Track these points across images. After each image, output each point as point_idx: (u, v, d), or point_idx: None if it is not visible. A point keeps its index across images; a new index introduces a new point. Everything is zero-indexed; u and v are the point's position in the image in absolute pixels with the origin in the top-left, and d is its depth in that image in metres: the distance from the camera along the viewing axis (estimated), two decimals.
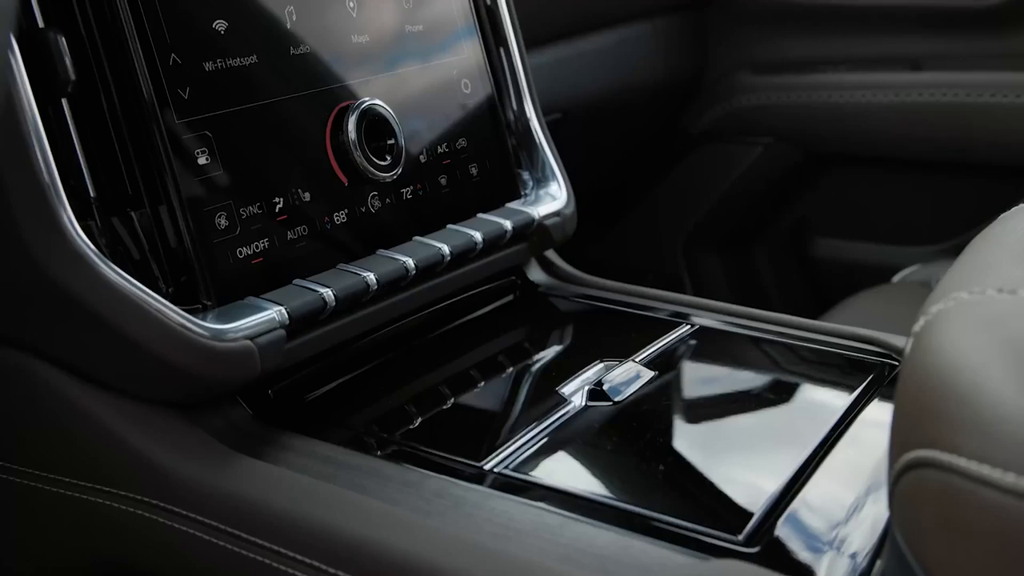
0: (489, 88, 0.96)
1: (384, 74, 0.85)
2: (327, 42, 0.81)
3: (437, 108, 0.90)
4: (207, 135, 0.71)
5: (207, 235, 0.70)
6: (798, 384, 0.81)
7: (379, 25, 0.86)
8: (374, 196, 0.82)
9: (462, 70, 0.93)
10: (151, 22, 0.69)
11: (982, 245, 0.61)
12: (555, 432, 0.71)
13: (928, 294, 1.40)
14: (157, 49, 0.69)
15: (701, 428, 0.73)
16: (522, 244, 0.94)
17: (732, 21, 1.85)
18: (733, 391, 0.79)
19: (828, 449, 0.70)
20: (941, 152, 1.71)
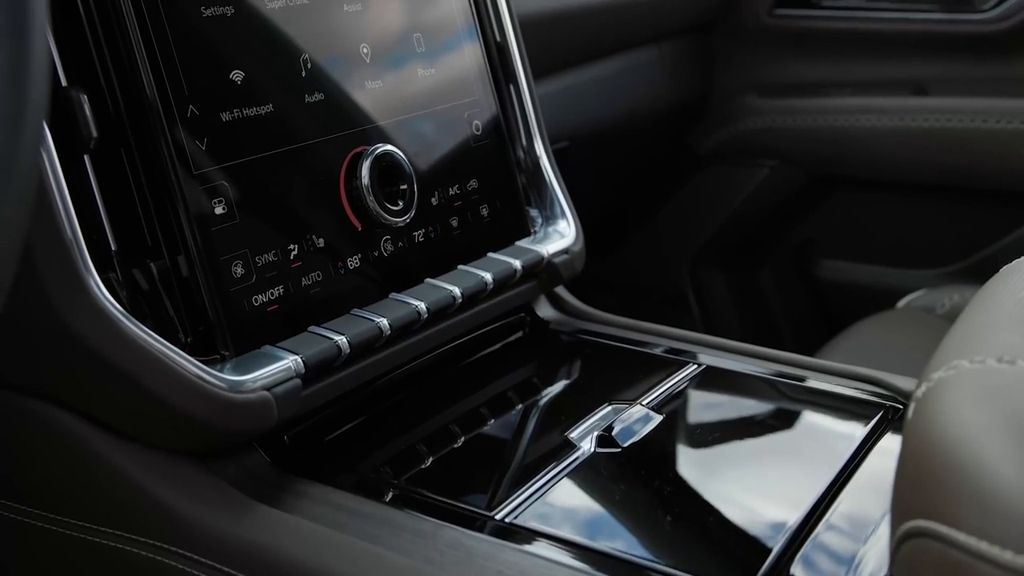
0: (500, 128, 0.97)
1: (397, 118, 0.87)
2: (341, 89, 0.83)
3: (449, 150, 0.91)
4: (224, 185, 0.73)
5: (224, 284, 0.71)
6: (804, 429, 0.82)
7: (393, 70, 0.87)
8: (386, 240, 0.84)
9: (473, 111, 0.94)
10: (170, 75, 0.70)
11: (983, 305, 0.62)
12: (565, 480, 0.72)
13: (932, 321, 1.42)
14: (176, 102, 0.71)
15: (709, 475, 0.75)
16: (532, 282, 0.96)
17: (738, 44, 1.86)
18: (740, 437, 0.81)
19: (833, 497, 0.71)
20: (945, 177, 1.72)
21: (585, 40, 1.48)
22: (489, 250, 0.93)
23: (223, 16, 0.75)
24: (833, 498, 0.71)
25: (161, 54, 0.70)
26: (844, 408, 0.84)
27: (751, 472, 0.76)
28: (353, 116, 0.83)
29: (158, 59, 0.70)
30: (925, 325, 1.41)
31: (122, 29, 0.68)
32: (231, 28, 0.75)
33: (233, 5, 0.75)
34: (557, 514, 0.69)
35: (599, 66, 1.54)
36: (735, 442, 0.80)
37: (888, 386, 0.87)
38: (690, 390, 0.87)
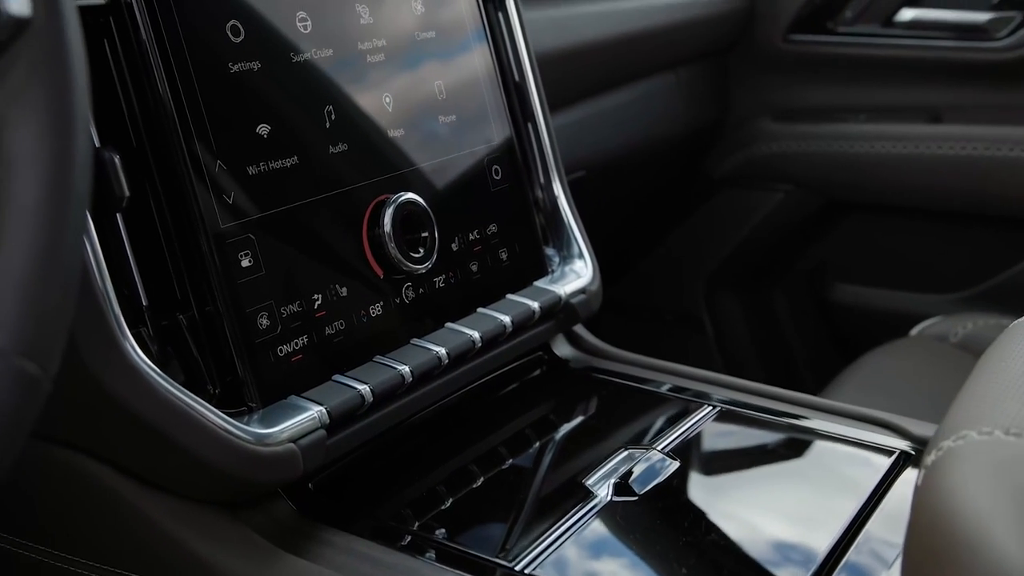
0: (519, 171, 0.99)
1: (418, 166, 0.88)
2: (364, 138, 0.84)
3: (469, 196, 0.93)
4: (250, 238, 0.75)
5: (250, 337, 0.73)
6: (818, 476, 0.84)
7: (414, 118, 0.89)
8: (408, 287, 0.86)
9: (493, 156, 0.96)
10: (199, 132, 0.72)
11: (993, 366, 0.64)
12: (583, 529, 0.74)
13: (945, 350, 1.43)
14: (204, 158, 0.72)
15: (725, 524, 0.76)
16: (549, 322, 0.98)
17: (753, 69, 1.88)
18: (754, 484, 0.82)
19: (847, 545, 0.73)
20: (959, 203, 1.73)
21: (602, 71, 1.50)
22: (508, 291, 0.95)
23: (250, 71, 0.76)
24: (847, 546, 0.73)
25: (190, 111, 0.72)
26: (857, 454, 0.86)
27: (766, 521, 0.77)
28: (376, 165, 0.85)
29: (187, 117, 0.72)
30: (938, 354, 1.42)
31: (153, 89, 0.70)
32: (258, 83, 0.77)
33: (259, 60, 0.77)
34: (576, 565, 0.71)
35: (615, 95, 1.56)
36: (750, 490, 0.81)
37: (901, 430, 0.88)
38: (704, 435, 0.88)
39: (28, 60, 0.42)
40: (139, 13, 0.69)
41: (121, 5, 0.69)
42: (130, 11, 0.69)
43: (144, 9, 0.69)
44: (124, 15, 0.70)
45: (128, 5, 0.69)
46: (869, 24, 1.78)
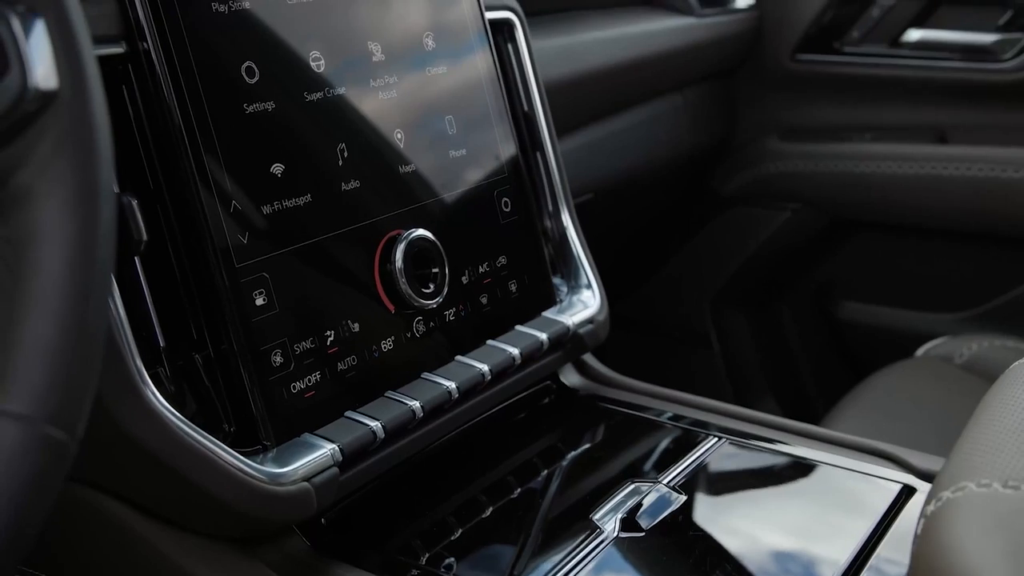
0: (528, 203, 1.00)
1: (429, 200, 0.90)
2: (376, 175, 0.86)
3: (479, 229, 0.94)
4: (264, 276, 0.76)
5: (264, 374, 0.75)
6: (822, 509, 0.85)
7: (425, 153, 0.90)
8: (419, 321, 0.87)
9: (502, 189, 0.97)
10: (214, 173, 0.74)
11: (993, 412, 0.65)
12: (590, 565, 0.75)
13: (950, 371, 1.44)
14: (220, 199, 0.74)
15: (730, 559, 0.77)
16: (558, 353, 0.99)
17: (760, 88, 1.89)
18: (758, 518, 0.83)
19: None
20: (965, 223, 1.75)
21: (609, 96, 1.51)
22: (517, 322, 0.96)
23: (264, 112, 0.78)
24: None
25: (206, 153, 0.73)
26: (861, 487, 0.87)
27: (771, 556, 0.78)
28: (387, 201, 0.86)
29: (203, 159, 0.73)
30: (943, 376, 1.43)
31: (170, 133, 0.71)
32: (272, 123, 0.78)
33: (274, 100, 0.79)
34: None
35: (622, 117, 1.57)
36: (755, 525, 0.82)
37: (903, 463, 0.89)
38: (709, 468, 0.89)
39: (55, 133, 0.44)
40: (157, 60, 0.71)
41: (139, 52, 0.71)
42: (148, 58, 0.71)
43: (162, 55, 0.71)
44: (142, 61, 0.71)
45: (146, 52, 0.71)
46: (876, 44, 1.79)
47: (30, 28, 0.43)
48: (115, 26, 0.70)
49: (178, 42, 0.72)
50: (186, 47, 0.73)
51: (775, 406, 1.98)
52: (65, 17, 0.44)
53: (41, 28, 0.43)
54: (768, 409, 1.98)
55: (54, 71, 0.44)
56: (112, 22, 0.70)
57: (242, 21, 0.77)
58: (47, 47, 0.43)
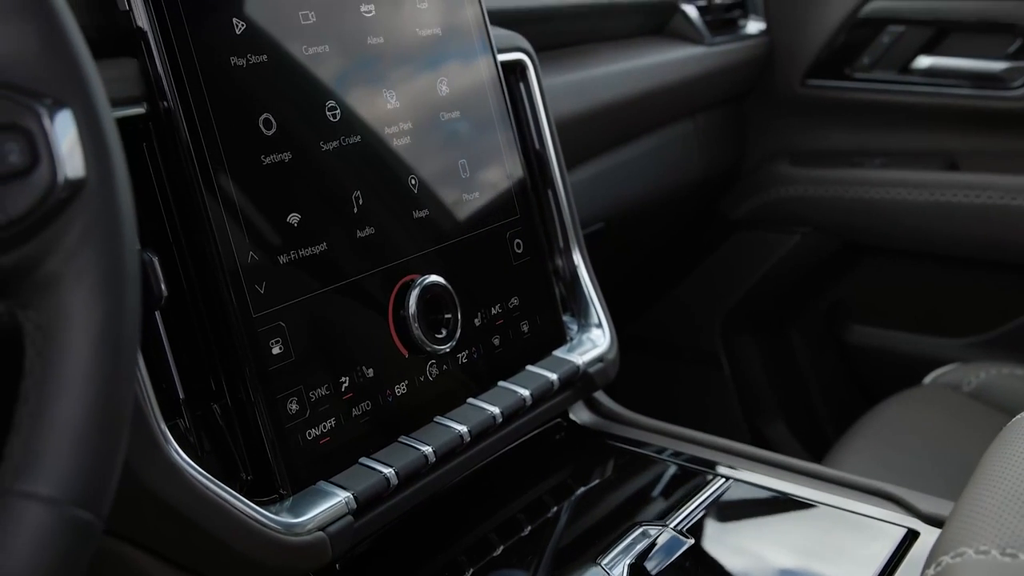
0: (540, 243, 1.01)
1: (443, 245, 0.91)
2: (391, 221, 0.87)
3: (492, 271, 0.96)
4: (281, 325, 0.78)
5: (280, 422, 0.76)
6: (827, 553, 0.86)
7: (439, 198, 0.92)
8: (432, 364, 0.88)
9: (515, 230, 0.99)
10: (232, 226, 0.75)
11: (994, 471, 0.66)
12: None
13: (957, 400, 1.45)
14: (237, 251, 0.75)
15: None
16: (568, 392, 1.00)
17: (771, 112, 1.91)
18: (764, 562, 0.85)
19: None
20: (975, 250, 1.76)
21: (620, 127, 1.52)
22: (528, 362, 0.98)
23: (281, 163, 0.79)
24: None
25: (225, 207, 0.75)
26: (866, 531, 0.88)
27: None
28: (401, 247, 0.88)
29: (222, 213, 0.75)
30: (950, 406, 1.45)
31: (189, 189, 0.73)
32: (289, 174, 0.80)
33: (290, 151, 0.80)
34: None
35: (634, 145, 1.58)
36: (760, 570, 0.84)
37: (908, 506, 0.91)
38: (716, 511, 0.91)
39: (83, 221, 0.45)
40: (177, 118, 0.72)
41: (160, 111, 0.73)
42: (168, 116, 0.72)
43: (181, 114, 0.72)
44: (162, 120, 0.73)
45: (167, 111, 0.72)
46: (886, 71, 1.80)
47: (58, 120, 0.45)
48: (137, 87, 0.71)
49: (198, 99, 0.74)
50: (205, 104, 0.74)
51: (785, 429, 1.99)
52: (91, 107, 0.46)
53: (69, 120, 0.45)
54: (778, 432, 1.99)
55: (82, 161, 0.45)
56: (133, 84, 0.71)
57: (260, 74, 0.79)
58: (75, 138, 0.45)
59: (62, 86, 0.45)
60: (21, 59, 0.45)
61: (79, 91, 0.46)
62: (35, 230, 0.44)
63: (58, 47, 0.45)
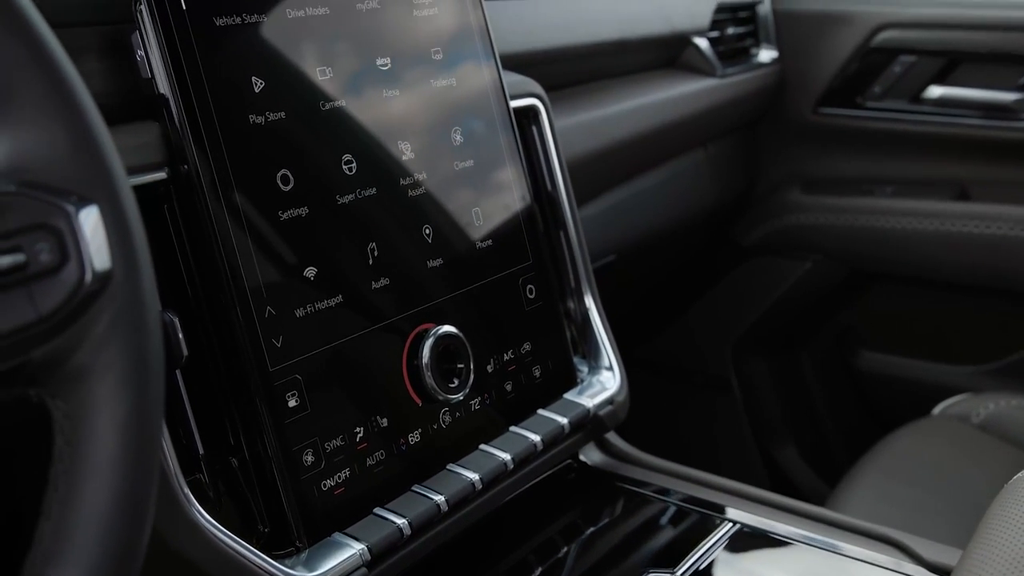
0: (552, 288, 1.03)
1: (456, 293, 0.93)
2: (405, 271, 0.89)
3: (505, 317, 0.97)
4: (297, 378, 0.79)
5: (296, 474, 0.78)
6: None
7: (453, 246, 0.93)
8: (445, 412, 0.90)
9: (527, 276, 1.00)
10: (251, 283, 0.77)
11: (993, 534, 0.68)
12: None
13: (966, 432, 1.46)
14: (255, 307, 0.77)
15: None
16: (578, 435, 1.02)
17: (783, 139, 1.92)
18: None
19: None
20: (985, 280, 1.77)
21: (633, 161, 1.54)
22: (539, 406, 0.99)
23: (298, 217, 0.81)
24: None
25: (244, 265, 0.76)
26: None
27: None
28: (415, 296, 0.89)
29: (240, 272, 0.76)
30: (959, 439, 1.46)
31: (210, 251, 0.75)
32: (306, 228, 0.81)
33: (307, 205, 0.82)
34: None
35: (645, 177, 1.59)
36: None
37: (912, 553, 0.92)
38: (723, 558, 0.92)
39: (110, 314, 0.47)
40: (197, 181, 0.74)
41: (181, 176, 0.74)
42: (188, 179, 0.74)
43: (202, 177, 0.74)
44: (183, 182, 0.75)
45: (187, 175, 0.74)
46: (898, 100, 1.81)
47: (86, 218, 0.46)
48: (158, 153, 0.73)
49: (218, 161, 0.76)
50: (225, 164, 0.76)
51: (795, 453, 2.00)
52: (117, 202, 0.48)
53: (95, 216, 0.47)
54: (788, 456, 2.00)
55: (109, 256, 0.47)
56: (155, 150, 0.73)
57: (278, 131, 0.80)
58: (102, 234, 0.47)
59: (90, 183, 0.47)
60: (50, 158, 0.46)
61: (106, 187, 0.48)
62: (65, 325, 0.46)
63: (86, 145, 0.47)
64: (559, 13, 1.28)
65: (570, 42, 1.29)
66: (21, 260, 0.45)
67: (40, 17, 0.48)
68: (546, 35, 1.24)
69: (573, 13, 1.31)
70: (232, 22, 0.79)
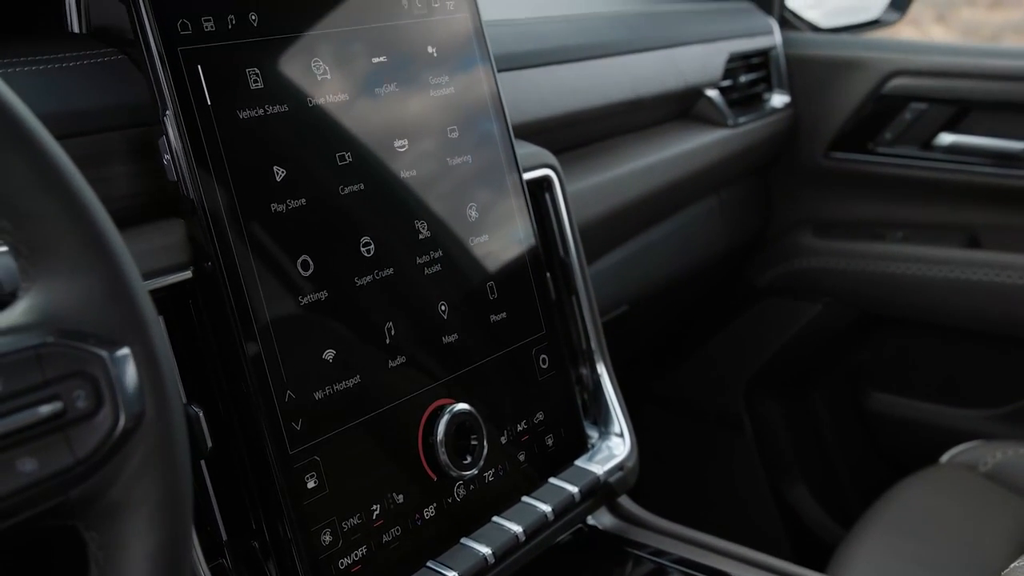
0: (564, 356, 1.05)
1: (471, 368, 0.95)
2: (421, 349, 0.91)
3: (518, 389, 0.99)
4: (316, 460, 0.82)
5: (315, 554, 0.80)
6: None
7: (468, 321, 0.95)
8: (459, 486, 0.93)
9: (540, 347, 1.03)
10: (272, 372, 0.79)
11: None
12: None
13: (973, 481, 1.48)
14: (276, 393, 0.80)
15: None
16: (588, 501, 1.04)
17: (795, 182, 1.94)
18: None
19: None
20: (994, 327, 1.79)
21: (645, 216, 1.56)
22: (550, 474, 1.02)
23: (318, 302, 0.84)
24: None
25: (265, 352, 0.79)
26: None
27: None
28: (431, 373, 0.92)
29: (263, 364, 0.79)
30: (966, 489, 1.48)
31: (233, 346, 0.78)
32: (325, 312, 0.84)
33: (327, 289, 0.84)
34: None
35: (658, 228, 1.61)
36: None
37: None
38: None
39: (142, 453, 0.50)
40: (222, 279, 0.77)
41: (205, 273, 0.77)
42: (213, 279, 0.77)
43: (226, 275, 0.77)
44: (207, 279, 0.77)
45: (212, 273, 0.77)
46: (908, 146, 1.83)
47: (120, 363, 0.49)
48: (183, 253, 0.76)
49: (241, 255, 0.78)
50: (248, 257, 0.79)
51: (806, 492, 2.02)
52: (149, 345, 0.51)
53: (129, 361, 0.50)
54: (800, 495, 2.02)
55: (142, 398, 0.50)
56: (181, 249, 0.76)
57: (298, 217, 0.83)
58: (135, 378, 0.50)
59: (122, 328, 0.50)
60: (85, 307, 0.49)
61: (138, 331, 0.50)
62: (100, 465, 0.49)
63: (119, 293, 0.50)
64: (573, 79, 1.30)
65: (584, 106, 1.32)
66: (59, 408, 0.47)
67: (76, 170, 0.51)
68: (561, 101, 1.26)
69: (587, 78, 1.33)
70: (255, 114, 0.82)
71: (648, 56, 1.48)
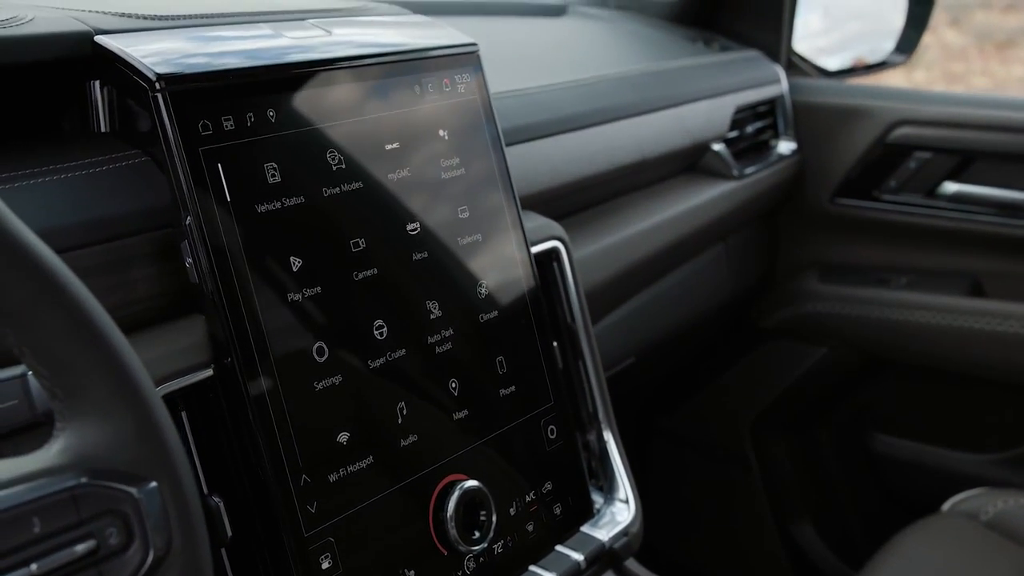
0: (571, 426, 1.08)
1: (480, 442, 0.97)
2: (431, 427, 0.93)
3: (527, 461, 1.02)
4: (330, 540, 0.85)
5: None
6: None
7: (478, 397, 0.98)
8: (469, 559, 0.95)
9: (549, 417, 1.05)
10: (288, 456, 0.82)
11: None
12: None
13: (974, 531, 1.51)
14: (292, 478, 0.83)
15: None
16: (593, 568, 1.07)
17: (801, 227, 1.97)
18: None
19: None
20: (997, 374, 1.81)
21: (652, 272, 1.58)
22: (557, 541, 1.04)
23: (333, 386, 0.87)
24: None
25: (282, 441, 0.82)
26: None
27: None
28: (441, 448, 0.94)
29: (279, 447, 0.82)
30: (966, 539, 1.50)
31: (253, 441, 0.81)
32: (340, 395, 0.87)
33: (342, 374, 0.87)
34: None
35: (664, 280, 1.64)
36: None
37: None
38: None
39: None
40: (242, 378, 0.80)
41: (225, 368, 0.80)
42: (232, 373, 0.80)
43: (245, 375, 0.80)
44: (227, 375, 0.81)
45: (231, 368, 0.80)
46: (913, 194, 1.86)
47: (150, 499, 0.53)
48: (205, 352, 0.79)
49: (260, 347, 0.81)
50: (267, 349, 0.82)
51: (813, 531, 2.05)
52: (176, 479, 0.54)
53: (157, 496, 0.53)
54: (806, 534, 2.05)
55: (168, 531, 0.53)
56: (202, 348, 0.79)
57: (314, 304, 0.86)
58: (163, 513, 0.53)
59: (151, 465, 0.53)
60: (116, 447, 0.53)
61: (165, 467, 0.54)
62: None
63: (148, 433, 0.53)
64: (582, 145, 1.32)
65: (592, 172, 1.34)
66: (93, 546, 0.51)
67: (106, 315, 0.54)
68: (569, 169, 1.29)
69: (594, 144, 1.35)
70: (272, 207, 0.84)
71: (654, 116, 1.50)
